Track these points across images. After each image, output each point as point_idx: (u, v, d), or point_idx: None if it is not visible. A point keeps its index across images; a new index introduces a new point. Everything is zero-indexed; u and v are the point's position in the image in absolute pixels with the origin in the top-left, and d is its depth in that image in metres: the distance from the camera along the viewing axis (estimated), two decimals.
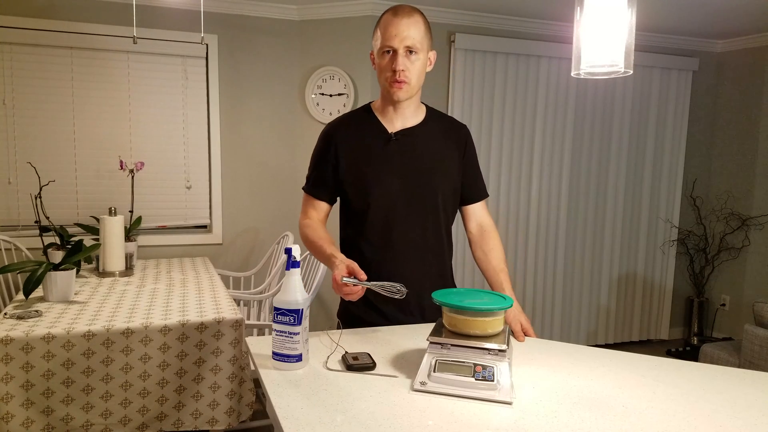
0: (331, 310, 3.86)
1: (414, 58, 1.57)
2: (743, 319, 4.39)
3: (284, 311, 1.26)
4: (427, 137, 1.68)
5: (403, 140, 1.66)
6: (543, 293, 4.25)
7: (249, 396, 2.17)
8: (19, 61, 3.28)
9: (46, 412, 1.95)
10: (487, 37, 3.84)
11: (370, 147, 1.66)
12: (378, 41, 1.60)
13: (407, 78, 1.57)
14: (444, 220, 1.71)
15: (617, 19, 1.27)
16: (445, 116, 1.77)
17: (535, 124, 4.08)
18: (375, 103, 1.73)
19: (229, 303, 2.37)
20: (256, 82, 3.74)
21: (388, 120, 1.68)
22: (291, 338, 1.26)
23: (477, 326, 1.22)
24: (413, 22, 1.56)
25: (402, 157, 1.65)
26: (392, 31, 1.55)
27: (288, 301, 1.26)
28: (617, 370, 1.34)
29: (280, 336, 1.26)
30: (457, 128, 1.75)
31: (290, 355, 1.26)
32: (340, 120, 1.74)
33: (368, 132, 1.68)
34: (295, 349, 1.26)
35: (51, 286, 2.34)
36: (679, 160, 4.49)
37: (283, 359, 1.26)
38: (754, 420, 1.10)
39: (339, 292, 1.40)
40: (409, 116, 1.68)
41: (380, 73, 1.62)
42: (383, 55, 1.58)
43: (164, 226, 3.65)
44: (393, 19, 1.56)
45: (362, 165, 1.65)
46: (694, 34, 4.23)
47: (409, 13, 1.57)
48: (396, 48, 1.55)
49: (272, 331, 1.29)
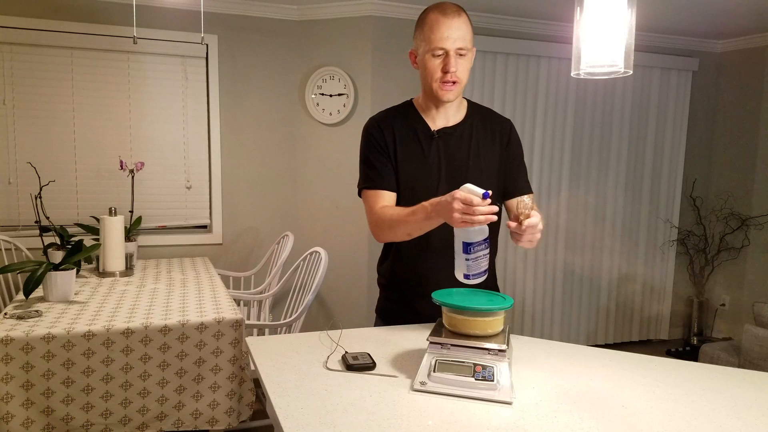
0: (331, 310, 3.86)
1: (464, 59, 1.55)
2: (743, 319, 4.39)
3: (480, 241, 1.37)
4: (468, 135, 1.67)
5: (445, 138, 1.65)
6: (543, 293, 4.25)
7: (249, 396, 2.17)
8: (19, 61, 3.27)
9: (46, 412, 1.95)
10: (487, 37, 3.84)
11: (414, 144, 1.65)
12: (426, 42, 1.54)
13: (459, 78, 1.55)
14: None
15: (617, 19, 1.26)
16: (488, 111, 1.75)
17: (535, 124, 4.08)
18: (417, 99, 1.70)
19: (229, 303, 2.37)
20: (256, 82, 3.74)
21: (431, 117, 1.66)
22: (485, 258, 1.40)
23: (477, 326, 1.22)
24: (463, 22, 1.53)
25: (443, 156, 1.64)
26: (444, 33, 1.51)
27: (482, 231, 1.37)
28: (617, 370, 1.34)
29: (475, 261, 1.39)
30: (499, 123, 1.72)
31: (482, 271, 1.41)
32: (385, 113, 1.71)
33: (412, 128, 1.66)
34: (484, 266, 1.42)
35: (51, 286, 2.34)
36: (679, 160, 4.49)
37: (478, 276, 1.41)
38: (754, 420, 1.10)
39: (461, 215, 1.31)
40: (452, 114, 1.67)
41: (428, 74, 1.57)
42: (432, 56, 1.54)
43: (164, 226, 3.65)
44: (443, 20, 1.51)
45: (407, 162, 1.64)
46: (694, 34, 4.22)
47: (458, 12, 1.53)
48: (448, 50, 1.52)
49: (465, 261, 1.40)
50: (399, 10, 3.61)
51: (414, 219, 1.48)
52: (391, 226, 1.57)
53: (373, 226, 1.63)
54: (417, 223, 1.49)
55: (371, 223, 1.64)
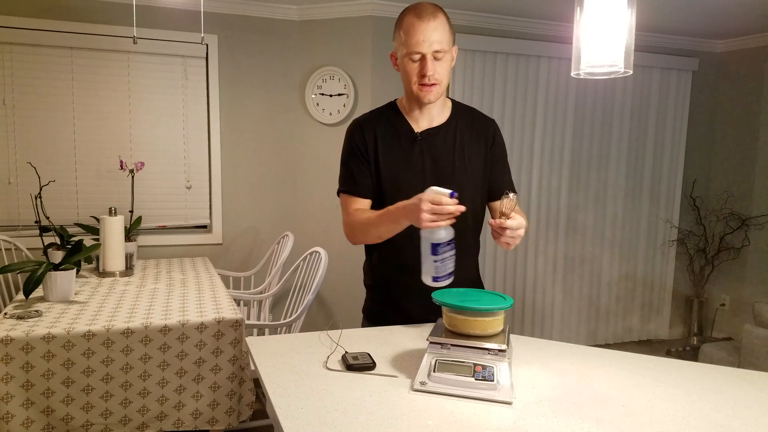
0: (331, 310, 3.86)
1: (442, 60, 1.54)
2: (743, 319, 4.39)
3: (447, 242, 1.39)
4: (453, 135, 1.66)
5: (428, 140, 1.64)
6: (543, 293, 4.25)
7: (249, 396, 2.17)
8: (19, 61, 3.27)
9: (46, 412, 1.95)
10: (487, 37, 3.84)
11: (397, 146, 1.64)
12: (403, 46, 1.54)
13: (437, 80, 1.55)
14: (471, 218, 1.67)
15: (617, 19, 1.27)
16: (472, 111, 1.74)
17: (535, 124, 4.08)
18: (401, 100, 1.70)
19: (229, 303, 2.37)
20: (256, 82, 3.74)
21: (414, 119, 1.66)
22: (451, 260, 1.42)
23: (477, 326, 1.22)
24: (439, 24, 1.51)
25: (427, 158, 1.63)
26: (419, 37, 1.50)
27: (447, 233, 1.38)
28: (617, 370, 1.34)
29: (442, 262, 1.41)
30: (484, 123, 1.72)
31: (447, 274, 1.43)
32: (368, 117, 1.70)
33: (395, 131, 1.66)
34: (450, 268, 1.43)
35: (51, 286, 2.34)
36: (679, 160, 4.49)
37: (443, 279, 1.43)
38: (754, 420, 1.10)
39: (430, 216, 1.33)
40: (436, 115, 1.66)
41: (407, 77, 1.57)
42: (409, 60, 1.54)
43: (164, 226, 3.65)
44: (418, 23, 1.50)
45: (390, 164, 1.64)
46: (694, 34, 4.22)
47: (434, 14, 1.51)
48: (425, 53, 1.51)
49: (434, 262, 1.42)
50: (399, 10, 3.60)
51: (382, 222, 1.53)
52: (362, 230, 1.61)
53: (346, 229, 1.66)
54: (385, 226, 1.53)
55: (345, 225, 1.67)
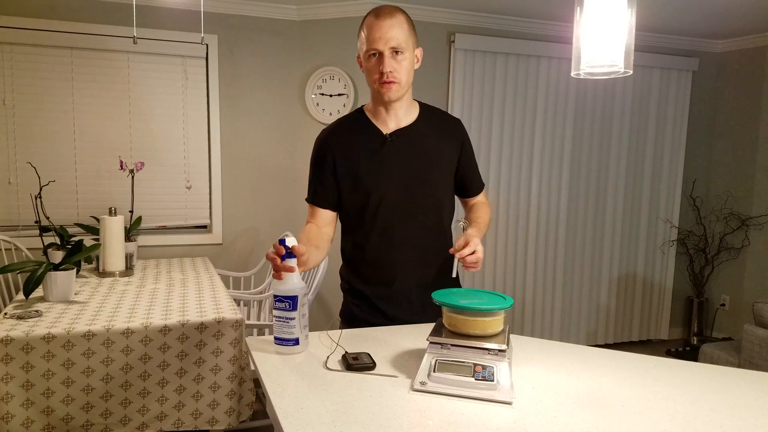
0: (331, 310, 3.86)
1: (400, 58, 1.56)
2: (743, 319, 4.39)
3: (281, 298, 1.35)
4: (423, 135, 1.68)
5: (399, 140, 1.65)
6: (543, 293, 4.25)
7: (249, 396, 2.17)
8: (19, 61, 3.27)
9: (46, 412, 1.95)
10: (487, 37, 3.84)
11: (365, 150, 1.65)
12: (363, 44, 1.59)
13: (396, 78, 1.57)
14: (446, 216, 1.71)
15: (617, 19, 1.27)
16: (438, 111, 1.76)
17: (535, 124, 4.08)
18: (367, 105, 1.71)
19: (229, 303, 2.37)
20: (256, 82, 3.74)
21: (382, 121, 1.67)
22: (287, 323, 1.36)
23: (477, 326, 1.22)
24: (396, 23, 1.55)
25: (398, 158, 1.65)
26: (376, 34, 1.54)
27: (284, 289, 1.35)
28: (617, 370, 1.34)
29: (279, 321, 1.36)
30: (452, 123, 1.75)
31: (288, 339, 1.36)
32: (333, 126, 1.72)
33: (363, 135, 1.67)
34: (291, 334, 1.36)
35: (51, 286, 2.34)
36: (678, 160, 4.49)
37: (282, 342, 1.37)
38: (754, 420, 1.10)
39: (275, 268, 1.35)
40: (402, 116, 1.67)
41: (368, 75, 1.61)
42: (369, 57, 1.57)
43: (164, 226, 3.65)
44: (375, 21, 1.55)
45: (359, 169, 1.65)
46: (694, 34, 4.22)
47: (391, 14, 1.55)
48: (381, 50, 1.54)
49: (273, 318, 1.39)
50: None
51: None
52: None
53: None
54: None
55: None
